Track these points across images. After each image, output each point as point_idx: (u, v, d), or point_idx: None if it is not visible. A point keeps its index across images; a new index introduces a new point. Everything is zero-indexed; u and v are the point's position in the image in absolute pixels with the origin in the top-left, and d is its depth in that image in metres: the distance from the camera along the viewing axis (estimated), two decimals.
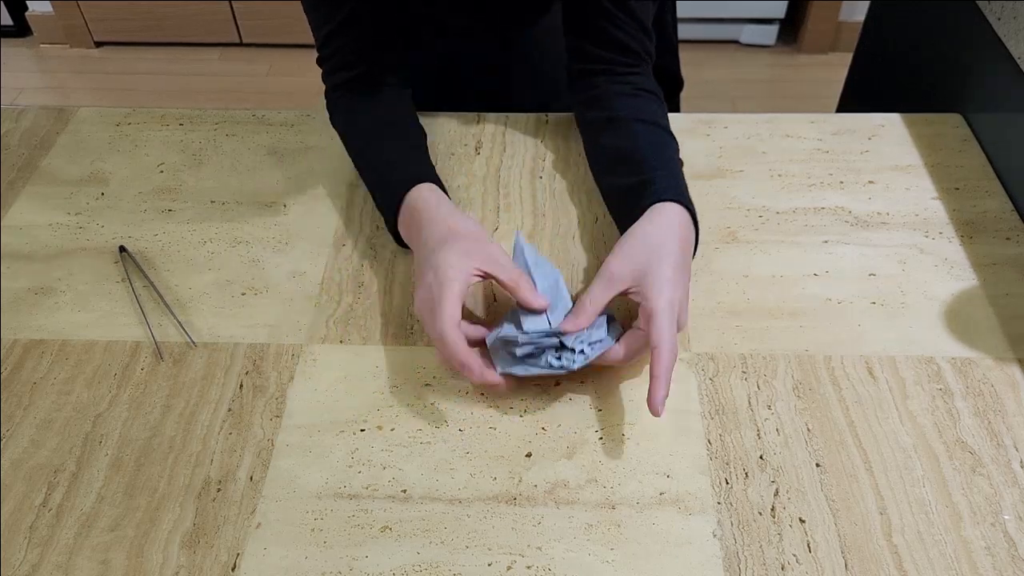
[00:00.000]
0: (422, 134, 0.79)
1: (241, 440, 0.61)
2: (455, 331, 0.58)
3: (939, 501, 0.57)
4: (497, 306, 0.70)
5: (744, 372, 0.65)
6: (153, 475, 0.59)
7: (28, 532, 0.56)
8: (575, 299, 0.64)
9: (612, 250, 0.64)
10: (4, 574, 0.54)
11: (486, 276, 0.62)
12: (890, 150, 0.84)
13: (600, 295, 0.61)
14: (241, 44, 2.51)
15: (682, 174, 0.72)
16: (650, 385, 0.57)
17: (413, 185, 0.69)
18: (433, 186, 0.70)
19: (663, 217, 0.65)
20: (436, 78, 0.97)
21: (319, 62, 0.80)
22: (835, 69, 2.26)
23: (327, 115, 0.82)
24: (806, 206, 0.79)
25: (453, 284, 0.59)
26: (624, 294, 0.62)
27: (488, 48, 0.96)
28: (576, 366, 0.60)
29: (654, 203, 0.65)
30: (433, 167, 0.75)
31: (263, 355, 0.67)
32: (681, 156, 0.73)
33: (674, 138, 0.75)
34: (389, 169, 0.74)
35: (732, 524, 0.56)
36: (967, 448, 0.60)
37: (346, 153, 0.81)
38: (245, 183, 0.83)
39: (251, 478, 0.59)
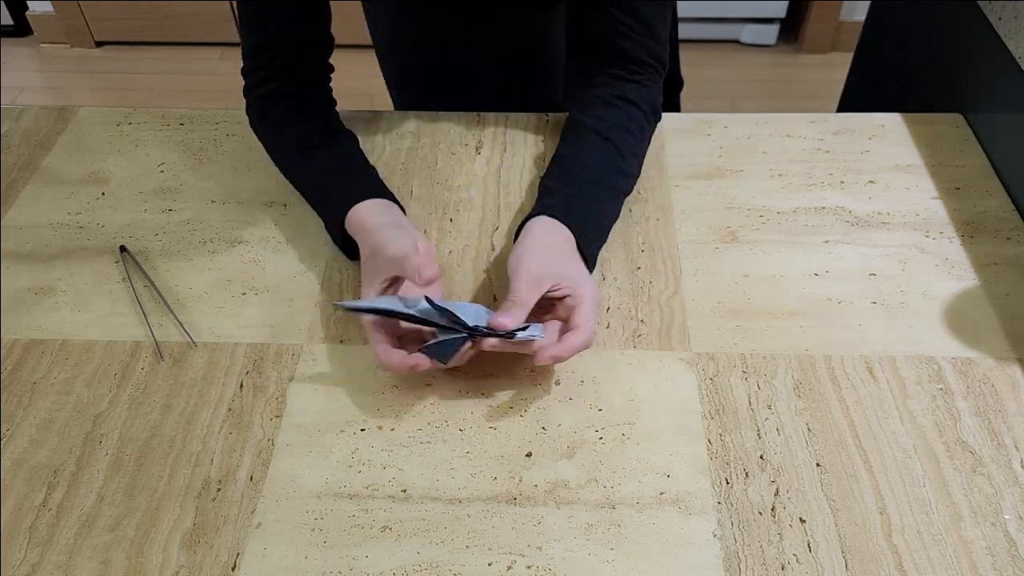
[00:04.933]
0: (353, 142, 0.78)
1: (241, 440, 0.61)
2: (386, 352, 0.61)
3: (939, 501, 0.57)
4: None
5: (744, 372, 0.65)
6: (153, 475, 0.59)
7: (28, 532, 0.56)
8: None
9: (521, 254, 0.64)
10: (4, 574, 0.54)
11: (394, 280, 0.64)
12: (890, 150, 0.84)
13: (529, 295, 0.61)
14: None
15: (596, 191, 0.72)
16: (551, 348, 0.59)
17: (344, 214, 0.69)
18: (359, 210, 0.69)
19: (548, 229, 0.67)
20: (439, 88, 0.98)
21: (244, 73, 0.79)
22: (835, 69, 2.26)
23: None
24: (806, 206, 0.78)
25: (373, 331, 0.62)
26: (546, 293, 0.62)
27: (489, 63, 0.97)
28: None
29: (538, 215, 0.68)
30: (364, 176, 0.74)
31: (263, 355, 0.67)
32: (681, 156, 0.73)
33: (621, 156, 0.75)
34: (324, 195, 0.74)
35: (732, 524, 0.56)
36: (967, 448, 0.60)
37: None
38: (246, 183, 0.83)
39: (251, 478, 0.59)
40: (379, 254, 0.64)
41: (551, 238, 0.66)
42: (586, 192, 0.72)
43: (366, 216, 0.68)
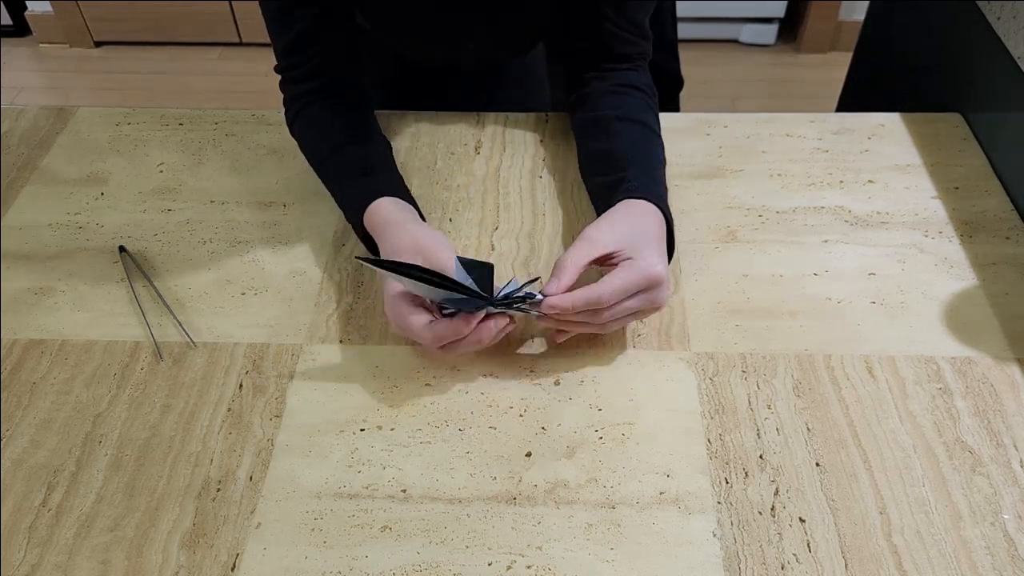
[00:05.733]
0: (383, 145, 0.77)
1: (241, 440, 0.61)
2: (428, 330, 0.60)
3: (939, 501, 0.57)
4: None
5: (744, 372, 0.65)
6: (153, 475, 0.59)
7: (28, 532, 0.56)
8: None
9: (590, 222, 0.64)
10: (4, 574, 0.54)
11: None
12: (890, 150, 0.84)
13: (580, 257, 0.60)
14: (241, 44, 2.51)
15: (660, 172, 0.72)
16: (553, 297, 0.58)
17: (368, 204, 0.68)
18: (385, 202, 0.67)
19: (637, 208, 0.65)
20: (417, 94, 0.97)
21: (278, 71, 0.78)
22: (835, 68, 2.26)
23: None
24: (806, 206, 0.79)
25: (402, 306, 0.61)
26: (605, 260, 0.61)
27: (469, 79, 0.97)
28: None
29: (626, 199, 0.66)
30: (390, 175, 0.73)
31: (263, 355, 0.67)
32: (681, 156, 0.73)
33: (656, 133, 0.75)
34: (347, 186, 0.73)
35: (732, 524, 0.56)
36: (967, 447, 0.60)
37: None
38: (245, 183, 0.83)
39: (251, 478, 0.59)
40: (423, 253, 0.61)
41: (638, 217, 0.64)
42: (652, 169, 0.70)
43: (391, 210, 0.67)
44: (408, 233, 0.64)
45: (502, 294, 0.60)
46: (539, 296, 0.60)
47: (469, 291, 0.59)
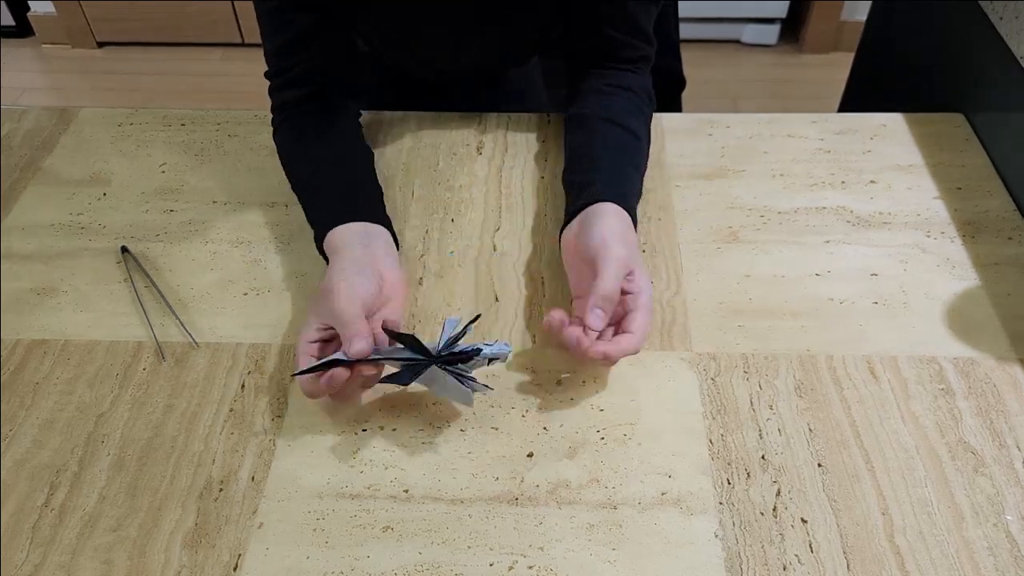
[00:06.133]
0: (363, 167, 0.76)
1: (243, 440, 0.61)
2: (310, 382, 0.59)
3: (941, 501, 0.57)
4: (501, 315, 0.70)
5: (746, 372, 0.65)
6: (155, 475, 0.59)
7: (30, 532, 0.57)
8: None
9: (605, 236, 0.62)
10: (6, 574, 0.54)
11: (327, 327, 0.61)
12: (892, 150, 0.84)
13: (616, 285, 0.60)
14: (243, 44, 2.51)
15: (633, 175, 0.72)
16: (605, 344, 0.58)
17: (324, 237, 0.67)
18: (339, 231, 0.66)
19: (608, 214, 0.65)
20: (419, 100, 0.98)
21: (267, 76, 0.77)
22: (837, 69, 2.26)
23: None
24: (808, 206, 0.78)
25: (301, 343, 0.61)
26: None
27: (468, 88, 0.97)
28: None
29: (593, 203, 0.66)
30: (354, 204, 0.70)
31: (265, 355, 0.67)
32: (682, 156, 0.73)
33: (637, 137, 0.75)
34: (315, 210, 0.72)
35: (734, 524, 0.56)
36: (969, 448, 0.60)
37: None
38: (247, 183, 0.83)
39: (253, 478, 0.59)
40: (326, 297, 0.61)
41: (625, 223, 0.65)
42: (623, 172, 0.71)
43: (338, 244, 0.66)
44: (332, 269, 0.64)
45: (443, 342, 0.59)
46: (489, 347, 0.59)
47: (407, 356, 0.58)
